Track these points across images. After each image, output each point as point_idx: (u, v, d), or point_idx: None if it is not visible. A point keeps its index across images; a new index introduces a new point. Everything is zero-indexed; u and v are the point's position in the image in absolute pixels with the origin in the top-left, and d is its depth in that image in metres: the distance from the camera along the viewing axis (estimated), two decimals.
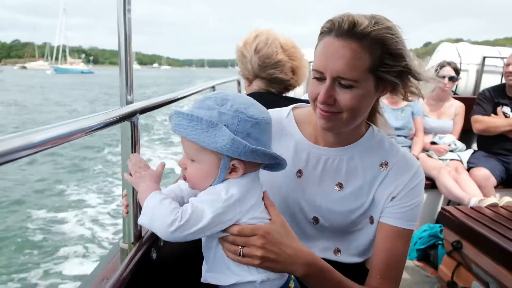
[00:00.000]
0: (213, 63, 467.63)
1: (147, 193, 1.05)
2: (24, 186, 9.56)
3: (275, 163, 1.14)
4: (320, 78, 1.16)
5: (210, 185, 1.07)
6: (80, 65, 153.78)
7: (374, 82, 1.15)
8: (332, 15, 1.17)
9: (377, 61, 1.12)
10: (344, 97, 1.13)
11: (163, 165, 1.18)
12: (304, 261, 1.10)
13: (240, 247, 1.04)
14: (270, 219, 1.10)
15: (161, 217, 0.99)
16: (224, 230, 1.05)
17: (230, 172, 1.06)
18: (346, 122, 1.19)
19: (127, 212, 1.26)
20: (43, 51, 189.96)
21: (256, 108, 1.07)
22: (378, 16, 1.15)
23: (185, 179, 1.12)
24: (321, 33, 1.18)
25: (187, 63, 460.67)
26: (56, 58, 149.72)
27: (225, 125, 0.99)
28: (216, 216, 1.00)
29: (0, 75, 66.43)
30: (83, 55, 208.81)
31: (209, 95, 1.06)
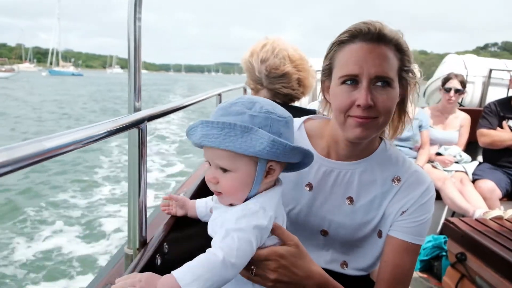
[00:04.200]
0: (190, 69, 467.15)
1: (170, 285, 0.85)
2: (28, 190, 9.59)
3: (297, 163, 1.10)
4: (353, 82, 1.13)
5: (247, 195, 1.01)
6: (71, 68, 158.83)
7: (398, 84, 1.17)
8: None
9: (400, 63, 1.16)
10: (382, 98, 1.12)
11: None
12: (316, 283, 1.09)
13: (252, 266, 1.02)
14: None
15: (211, 273, 0.86)
16: None
17: (266, 176, 1.02)
18: (380, 127, 1.18)
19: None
20: (24, 53, 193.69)
21: (280, 109, 1.05)
22: (385, 23, 1.17)
23: (218, 194, 1.03)
24: (341, 42, 1.17)
25: (164, 67, 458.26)
26: (51, 63, 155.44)
27: (259, 128, 0.95)
28: (259, 242, 0.97)
29: (18, 75, 67.93)
30: (72, 59, 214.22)
31: (233, 101, 1.00)
